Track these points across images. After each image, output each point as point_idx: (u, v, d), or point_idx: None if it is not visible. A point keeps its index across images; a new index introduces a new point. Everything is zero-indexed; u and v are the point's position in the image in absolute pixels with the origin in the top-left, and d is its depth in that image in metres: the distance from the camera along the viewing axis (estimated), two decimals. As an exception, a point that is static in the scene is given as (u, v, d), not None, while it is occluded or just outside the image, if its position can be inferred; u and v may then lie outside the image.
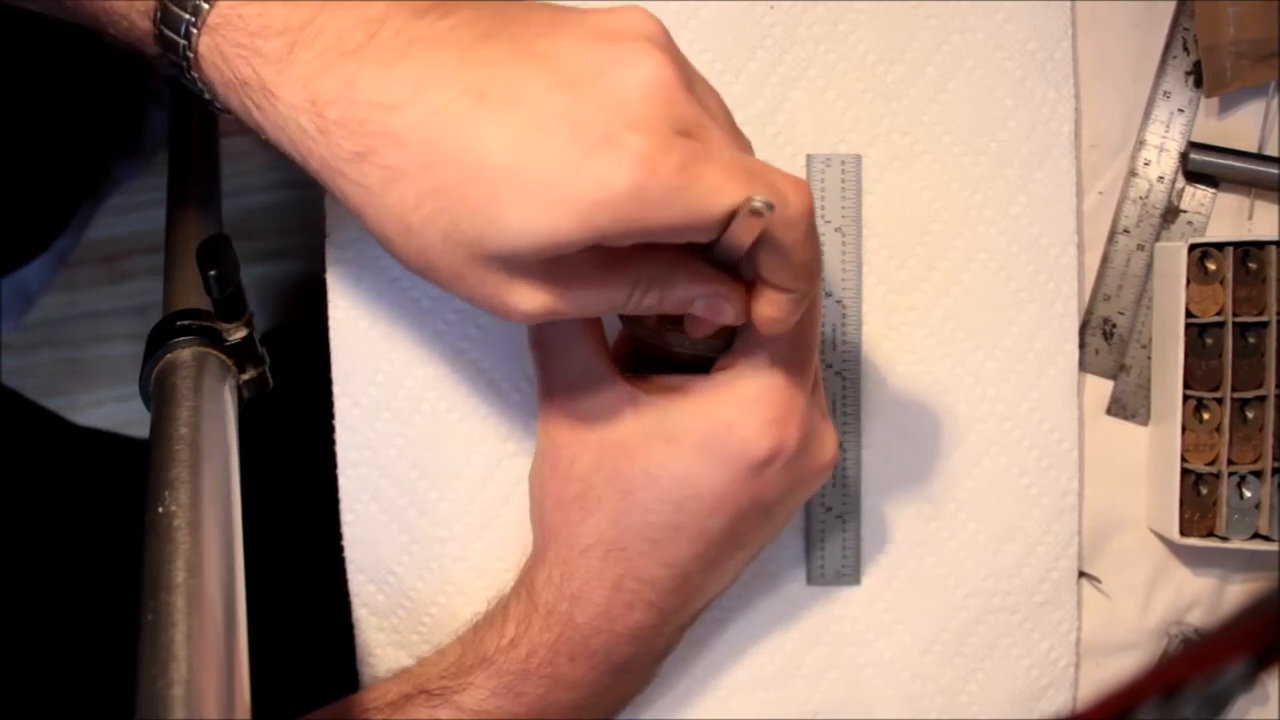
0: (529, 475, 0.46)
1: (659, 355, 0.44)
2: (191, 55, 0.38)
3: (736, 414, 0.41)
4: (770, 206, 0.35)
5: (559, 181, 0.34)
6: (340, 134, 0.36)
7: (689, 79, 0.37)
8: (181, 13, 0.37)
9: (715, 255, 0.38)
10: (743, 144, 0.39)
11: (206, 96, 0.40)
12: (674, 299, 0.39)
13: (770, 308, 0.39)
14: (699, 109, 0.37)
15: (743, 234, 0.36)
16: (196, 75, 0.39)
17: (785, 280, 0.38)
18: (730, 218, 0.35)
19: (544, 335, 0.43)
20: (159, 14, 0.38)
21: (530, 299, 0.37)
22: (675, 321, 0.42)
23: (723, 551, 0.44)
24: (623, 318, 0.44)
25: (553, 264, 0.36)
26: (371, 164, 0.36)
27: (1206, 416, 0.50)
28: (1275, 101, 0.52)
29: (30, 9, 0.41)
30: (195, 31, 0.37)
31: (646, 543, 0.42)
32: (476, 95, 0.35)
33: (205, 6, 0.37)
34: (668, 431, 0.41)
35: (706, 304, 0.39)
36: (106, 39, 0.41)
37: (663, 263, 0.39)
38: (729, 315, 0.40)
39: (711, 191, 0.35)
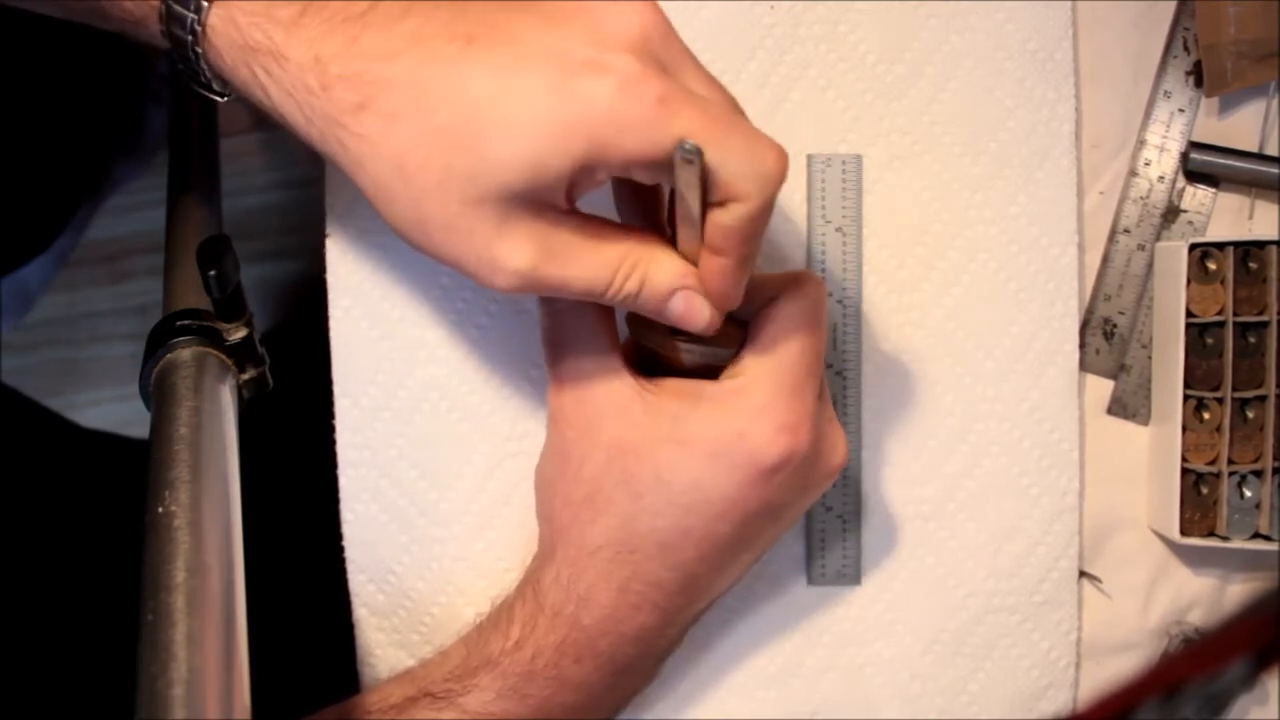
0: (536, 471, 0.46)
1: (667, 365, 0.44)
2: (200, 29, 0.38)
3: (747, 421, 0.41)
4: (698, 152, 0.35)
5: (540, 107, 0.35)
6: (342, 87, 0.37)
7: (673, 30, 0.38)
8: None
9: (681, 244, 0.39)
10: (729, 101, 0.39)
11: (205, 77, 0.40)
12: (655, 288, 0.39)
13: (712, 277, 0.39)
14: (682, 55, 0.38)
15: (681, 180, 0.36)
16: (201, 50, 0.39)
17: (725, 240, 0.38)
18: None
19: (558, 332, 0.43)
20: None
21: (517, 254, 0.37)
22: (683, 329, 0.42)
23: (730, 555, 0.44)
24: (631, 326, 0.44)
25: (540, 217, 0.37)
26: (370, 112, 0.37)
27: (1207, 416, 0.50)
28: (1275, 101, 0.52)
29: (28, 9, 0.41)
30: (206, 4, 0.38)
31: (655, 546, 0.42)
32: (465, 39, 0.37)
33: None
34: (679, 436, 0.41)
35: (684, 301, 0.40)
36: (108, 26, 0.41)
37: (648, 246, 0.39)
38: (704, 318, 0.40)
39: (685, 132, 0.35)
